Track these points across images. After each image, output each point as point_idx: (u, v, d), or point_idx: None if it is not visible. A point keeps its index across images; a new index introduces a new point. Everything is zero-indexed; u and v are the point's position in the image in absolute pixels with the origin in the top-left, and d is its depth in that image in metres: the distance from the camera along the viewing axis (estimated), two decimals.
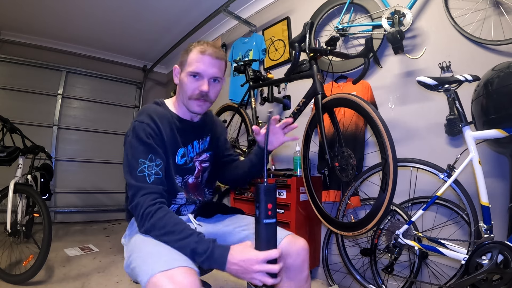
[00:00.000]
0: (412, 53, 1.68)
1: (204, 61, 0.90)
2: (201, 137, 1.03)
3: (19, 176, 2.02)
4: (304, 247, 0.87)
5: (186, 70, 0.91)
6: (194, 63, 0.90)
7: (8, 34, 3.45)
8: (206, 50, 0.90)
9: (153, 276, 0.62)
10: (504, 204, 1.23)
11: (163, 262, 0.66)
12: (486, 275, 1.05)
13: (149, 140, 0.85)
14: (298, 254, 0.85)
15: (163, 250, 0.72)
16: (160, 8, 2.96)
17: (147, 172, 0.81)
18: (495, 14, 1.38)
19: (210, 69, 0.91)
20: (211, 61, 0.91)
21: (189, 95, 0.92)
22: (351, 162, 1.30)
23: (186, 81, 0.91)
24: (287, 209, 1.79)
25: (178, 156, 0.94)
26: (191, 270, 0.66)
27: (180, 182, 0.96)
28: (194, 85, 0.91)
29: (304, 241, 0.89)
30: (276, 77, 2.18)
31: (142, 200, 0.78)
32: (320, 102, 1.35)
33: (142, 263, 0.69)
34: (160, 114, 0.92)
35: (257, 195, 0.67)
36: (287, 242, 0.86)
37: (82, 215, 3.84)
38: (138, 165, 0.81)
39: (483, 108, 1.12)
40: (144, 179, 0.80)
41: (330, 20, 2.08)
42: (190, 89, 0.91)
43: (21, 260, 1.97)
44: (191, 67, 0.90)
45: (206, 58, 0.90)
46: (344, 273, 1.79)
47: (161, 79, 4.71)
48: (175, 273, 0.63)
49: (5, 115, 2.14)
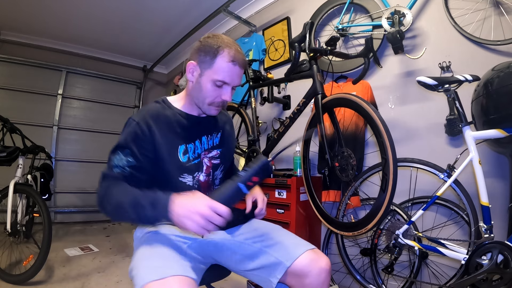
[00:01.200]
0: (412, 53, 1.68)
1: (234, 72, 0.84)
2: (211, 132, 0.97)
3: (19, 176, 2.02)
4: (325, 268, 0.78)
5: (211, 76, 0.84)
6: (223, 72, 0.83)
7: (8, 34, 3.45)
8: (237, 59, 0.83)
9: (146, 285, 0.60)
10: (504, 204, 1.23)
11: (157, 270, 0.64)
12: (486, 275, 1.05)
13: (132, 139, 0.81)
14: (319, 275, 0.76)
15: (157, 257, 0.70)
16: (160, 8, 2.96)
17: (115, 163, 0.79)
18: (495, 14, 1.38)
19: (237, 80, 0.86)
20: (240, 72, 0.86)
21: (209, 102, 0.87)
22: (351, 162, 1.30)
23: (209, 87, 0.85)
24: (287, 209, 1.79)
25: (180, 153, 0.88)
26: (187, 279, 0.64)
27: (191, 181, 0.90)
28: (217, 92, 0.86)
29: (326, 260, 0.80)
30: (276, 77, 2.18)
31: (100, 185, 0.78)
32: (320, 102, 1.35)
33: (138, 271, 0.67)
34: (157, 113, 0.88)
35: (255, 163, 0.68)
36: (308, 259, 0.77)
37: (82, 215, 3.84)
38: (113, 156, 0.80)
39: (483, 108, 1.12)
40: (110, 168, 0.79)
41: (330, 20, 2.08)
42: (211, 97, 0.86)
43: (21, 260, 1.97)
44: (218, 75, 0.83)
45: (237, 69, 0.84)
46: (344, 273, 1.79)
47: (161, 79, 4.71)
48: (170, 282, 0.61)
49: (5, 115, 2.15)
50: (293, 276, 0.77)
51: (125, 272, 2.01)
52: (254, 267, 0.81)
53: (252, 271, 0.82)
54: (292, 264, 0.77)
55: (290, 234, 0.88)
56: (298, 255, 0.77)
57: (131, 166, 0.79)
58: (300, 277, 0.76)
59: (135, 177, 0.80)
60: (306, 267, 0.76)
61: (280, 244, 0.82)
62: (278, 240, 0.83)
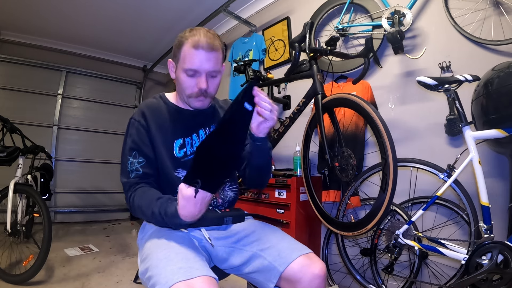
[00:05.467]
0: (412, 53, 1.68)
1: (199, 57, 0.81)
2: (208, 125, 0.96)
3: (19, 176, 2.02)
4: (319, 274, 0.74)
5: (181, 67, 0.84)
6: (188, 59, 0.82)
7: (8, 34, 3.45)
8: (200, 43, 0.81)
9: (173, 286, 0.60)
10: (504, 204, 1.23)
11: (182, 270, 0.63)
12: (486, 275, 1.05)
13: (136, 138, 0.85)
14: (311, 282, 0.73)
15: (179, 257, 0.69)
16: (160, 8, 2.96)
17: (129, 168, 0.84)
18: (495, 14, 1.38)
19: (206, 65, 0.82)
20: (207, 55, 0.82)
21: (188, 94, 0.86)
22: (351, 162, 1.30)
23: (183, 79, 0.85)
24: (287, 209, 1.79)
25: (175, 148, 0.88)
26: (211, 279, 0.64)
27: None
28: (191, 82, 0.85)
29: (321, 265, 0.76)
30: (276, 77, 2.18)
31: (126, 194, 0.83)
32: (320, 102, 1.35)
33: (160, 272, 0.65)
34: (153, 107, 0.90)
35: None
36: (300, 265, 0.75)
37: (82, 215, 3.84)
38: (126, 161, 0.84)
39: (483, 108, 1.12)
40: (127, 174, 0.84)
41: (330, 20, 2.08)
42: (188, 88, 0.85)
43: (21, 260, 1.97)
44: (185, 63, 0.82)
45: (201, 53, 0.81)
46: (344, 273, 1.79)
47: (161, 79, 4.72)
48: (196, 283, 0.61)
49: (5, 115, 2.14)
50: (286, 281, 0.76)
51: (125, 272, 2.01)
52: (250, 271, 0.81)
53: (249, 274, 0.82)
54: (285, 269, 0.75)
55: (286, 237, 0.86)
56: (291, 260, 0.75)
57: (142, 166, 0.84)
58: (293, 283, 0.75)
59: (148, 174, 0.85)
60: (298, 273, 0.74)
61: (274, 248, 0.80)
62: (273, 243, 0.82)
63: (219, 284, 0.68)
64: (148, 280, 0.68)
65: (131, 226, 3.72)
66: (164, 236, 0.80)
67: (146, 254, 0.75)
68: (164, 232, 0.83)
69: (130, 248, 2.64)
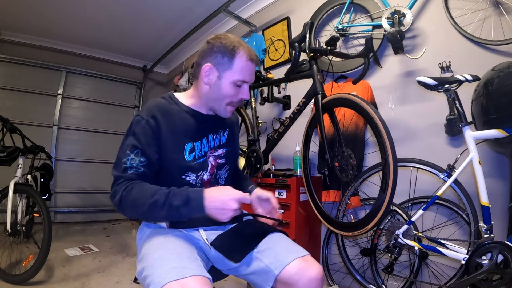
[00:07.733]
0: (412, 53, 1.68)
1: (251, 69, 0.87)
2: (216, 131, 0.96)
3: (19, 176, 2.02)
4: (316, 277, 0.74)
5: (232, 77, 0.85)
6: (242, 72, 0.85)
7: (8, 34, 3.45)
8: (253, 56, 0.86)
9: (166, 285, 0.60)
10: (504, 204, 1.23)
11: (175, 270, 0.64)
12: (486, 275, 1.05)
13: (142, 138, 0.81)
14: (307, 285, 0.73)
15: (173, 257, 0.70)
16: (160, 8, 2.96)
17: (129, 164, 0.79)
18: (495, 14, 1.38)
19: (253, 77, 0.89)
20: (254, 68, 0.89)
21: (228, 102, 0.88)
22: (351, 162, 1.30)
23: (228, 87, 0.86)
24: (287, 209, 1.79)
25: (186, 152, 0.87)
26: (204, 279, 0.64)
27: (194, 180, 0.89)
28: (236, 92, 0.88)
29: (318, 268, 0.76)
30: (276, 77, 2.18)
31: (118, 188, 0.77)
32: (320, 102, 1.35)
33: (154, 272, 0.66)
34: (165, 110, 0.86)
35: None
36: (296, 268, 0.75)
37: (82, 215, 3.85)
38: (124, 156, 0.80)
39: (483, 108, 1.12)
40: (124, 170, 0.79)
41: (330, 20, 2.08)
42: (231, 97, 0.87)
43: (21, 260, 1.97)
44: (239, 75, 0.85)
45: (253, 66, 0.87)
46: (344, 273, 1.79)
47: (161, 79, 4.72)
48: (189, 282, 0.61)
49: (5, 115, 2.15)
50: (283, 284, 0.76)
51: (125, 272, 2.01)
52: (248, 273, 0.81)
53: (247, 275, 0.83)
54: (281, 272, 0.75)
55: (284, 239, 0.86)
56: (286, 263, 0.75)
57: (143, 166, 0.80)
58: (289, 286, 0.75)
59: (146, 174, 0.81)
60: (294, 276, 0.74)
61: (272, 250, 0.80)
62: (271, 245, 0.82)
63: (219, 284, 0.69)
64: (144, 280, 0.69)
65: (131, 226, 3.72)
66: (161, 237, 0.79)
67: (143, 254, 0.76)
68: (161, 233, 0.82)
69: (130, 248, 2.64)
